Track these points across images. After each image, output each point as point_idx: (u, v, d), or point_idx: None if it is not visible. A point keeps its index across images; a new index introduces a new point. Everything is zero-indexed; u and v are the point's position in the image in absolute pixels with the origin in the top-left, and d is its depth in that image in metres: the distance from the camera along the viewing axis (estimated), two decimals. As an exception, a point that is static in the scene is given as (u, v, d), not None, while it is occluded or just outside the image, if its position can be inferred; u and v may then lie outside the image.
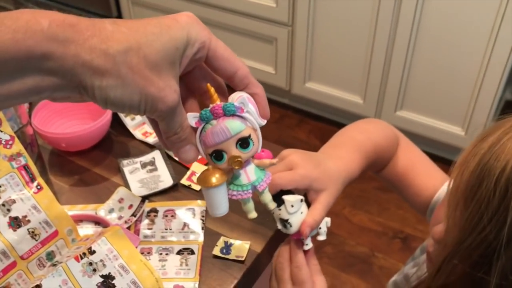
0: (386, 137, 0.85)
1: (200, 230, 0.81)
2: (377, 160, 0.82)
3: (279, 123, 2.25)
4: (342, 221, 1.86)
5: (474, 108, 1.86)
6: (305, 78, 2.15)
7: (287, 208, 0.62)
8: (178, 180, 0.89)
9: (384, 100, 2.02)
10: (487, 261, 0.50)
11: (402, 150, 0.85)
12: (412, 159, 0.85)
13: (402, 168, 0.84)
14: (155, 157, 0.93)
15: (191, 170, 0.91)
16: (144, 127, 0.99)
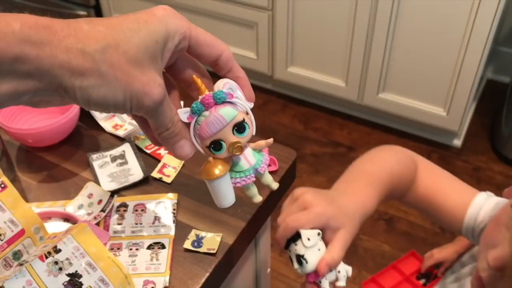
0: (400, 162, 0.79)
1: (171, 223, 0.79)
2: (395, 188, 0.77)
3: (262, 108, 2.23)
4: (326, 205, 1.85)
5: (455, 88, 1.84)
6: (287, 63, 2.12)
7: (304, 242, 0.59)
8: (149, 173, 0.86)
9: (366, 83, 1.99)
10: None
11: (422, 173, 0.80)
12: (434, 180, 0.80)
13: (425, 190, 0.79)
14: (125, 150, 0.90)
15: (162, 162, 0.88)
16: (114, 119, 0.96)
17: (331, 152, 2.04)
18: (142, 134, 0.93)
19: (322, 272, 0.58)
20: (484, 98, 2.25)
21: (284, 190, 0.90)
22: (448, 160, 1.99)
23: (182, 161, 0.88)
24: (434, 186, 0.80)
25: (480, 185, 1.89)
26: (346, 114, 2.18)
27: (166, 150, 0.91)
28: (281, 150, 0.90)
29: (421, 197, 0.80)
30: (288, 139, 2.09)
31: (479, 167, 1.97)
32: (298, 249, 0.59)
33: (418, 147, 2.04)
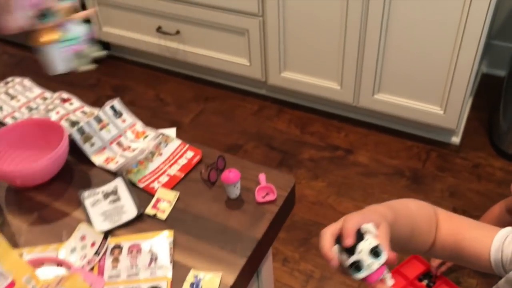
0: (419, 206, 0.77)
1: (169, 264, 0.74)
2: (415, 229, 0.74)
3: (258, 115, 2.17)
4: (327, 210, 1.80)
5: (451, 86, 1.78)
6: (280, 68, 2.07)
7: (371, 230, 0.60)
8: (143, 209, 0.81)
9: (361, 84, 1.94)
10: None
11: (444, 222, 0.77)
12: (457, 228, 0.76)
13: (449, 238, 0.76)
14: (118, 185, 0.85)
15: (156, 197, 0.83)
16: (105, 152, 0.91)
17: (329, 156, 1.99)
18: (135, 166, 0.89)
19: (394, 260, 0.58)
20: (480, 92, 2.19)
21: (284, 218, 0.85)
22: (447, 158, 1.94)
23: (177, 195, 0.83)
24: (457, 234, 0.75)
25: (480, 182, 1.85)
26: (342, 116, 2.13)
27: (160, 183, 0.86)
28: (279, 177, 0.86)
29: (446, 245, 0.76)
30: (285, 145, 2.04)
31: (478, 163, 1.92)
32: (370, 242, 0.58)
33: (416, 146, 1.99)
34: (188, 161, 0.89)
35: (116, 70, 2.47)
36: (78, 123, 0.94)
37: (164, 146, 0.91)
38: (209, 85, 2.34)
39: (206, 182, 0.85)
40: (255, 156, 1.99)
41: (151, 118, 2.18)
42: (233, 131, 2.11)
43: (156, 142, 0.91)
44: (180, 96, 2.29)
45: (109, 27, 2.36)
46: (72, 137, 0.89)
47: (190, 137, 2.10)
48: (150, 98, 2.29)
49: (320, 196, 1.84)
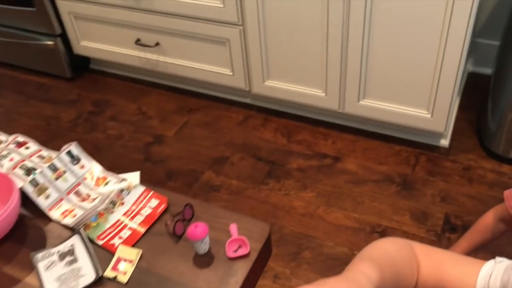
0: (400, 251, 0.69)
1: (129, 339, 0.65)
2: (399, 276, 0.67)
3: (243, 125, 2.06)
4: (317, 221, 1.70)
5: (438, 89, 1.68)
6: (264, 77, 1.95)
7: None
8: (102, 271, 0.71)
9: (346, 90, 1.83)
10: None
11: (423, 260, 0.70)
12: (437, 266, 0.69)
13: (431, 279, 0.69)
14: (75, 243, 0.75)
15: (117, 256, 0.73)
16: (62, 204, 0.80)
17: (317, 164, 1.88)
18: (94, 220, 0.78)
19: None
20: (467, 92, 2.08)
21: (259, 272, 0.75)
22: (437, 161, 1.84)
23: (139, 253, 0.73)
24: (437, 271, 0.68)
25: (472, 185, 1.75)
26: (329, 122, 2.02)
27: (121, 239, 0.76)
28: (253, 226, 0.75)
29: (428, 286, 0.69)
30: (272, 155, 1.93)
31: (469, 166, 1.82)
32: None
33: (405, 151, 1.89)
34: (152, 210, 0.78)
35: (96, 84, 2.35)
36: (34, 170, 0.83)
37: (126, 194, 0.80)
38: (192, 96, 2.22)
39: (172, 236, 0.75)
40: (242, 168, 1.89)
41: (133, 133, 2.07)
42: (218, 143, 2.00)
43: (118, 189, 0.81)
44: (163, 108, 2.18)
45: (87, 41, 2.24)
46: (24, 191, 0.78)
47: (174, 152, 2.01)
48: (132, 112, 2.17)
49: (309, 207, 1.74)
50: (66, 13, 2.15)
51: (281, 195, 1.78)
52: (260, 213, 1.72)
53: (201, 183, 1.84)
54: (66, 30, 2.20)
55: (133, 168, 1.93)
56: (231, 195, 1.79)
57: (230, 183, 1.84)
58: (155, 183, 1.88)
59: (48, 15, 2.13)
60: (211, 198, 1.79)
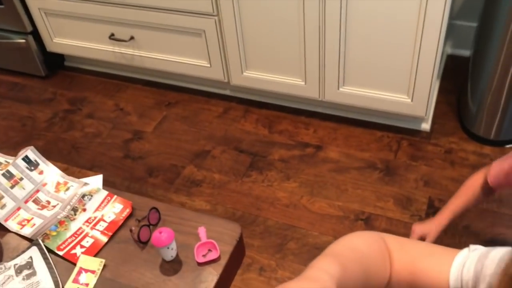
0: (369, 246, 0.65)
1: None
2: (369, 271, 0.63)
3: (223, 117, 2.00)
4: (301, 212, 1.66)
5: (417, 72, 1.63)
6: (242, 67, 1.88)
7: None
8: (62, 284, 0.65)
9: (325, 78, 1.77)
10: None
11: (396, 253, 0.66)
12: (409, 258, 0.65)
13: (404, 272, 0.65)
14: (33, 256, 0.68)
15: (78, 267, 0.67)
16: (19, 213, 0.73)
17: (300, 154, 1.83)
18: (54, 229, 0.72)
19: None
20: (446, 75, 2.04)
21: (231, 275, 0.70)
22: (419, 146, 1.80)
23: (102, 263, 0.67)
24: (410, 264, 0.64)
25: (454, 168, 1.71)
26: (309, 111, 1.97)
27: (83, 248, 0.70)
28: (223, 227, 0.70)
29: (402, 279, 0.65)
30: (254, 147, 1.87)
31: (451, 149, 1.78)
32: None
33: (387, 136, 1.84)
34: (116, 216, 0.72)
35: (71, 82, 2.26)
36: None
37: (88, 200, 0.74)
38: (170, 89, 2.15)
39: (137, 243, 0.69)
40: (224, 161, 1.83)
41: (112, 130, 2.00)
42: (199, 136, 1.93)
43: (80, 195, 0.74)
44: (141, 103, 2.10)
45: (60, 38, 2.14)
46: (-23, 201, 0.71)
47: (154, 147, 1.93)
48: (109, 108, 2.10)
49: (293, 198, 1.70)
50: (37, 10, 2.05)
51: (264, 186, 1.73)
52: (244, 206, 1.67)
53: (183, 178, 1.78)
54: (38, 27, 2.11)
55: (112, 166, 1.86)
56: (214, 189, 1.74)
57: (212, 177, 1.78)
58: (135, 180, 1.81)
59: (17, 12, 2.03)
60: (193, 193, 1.73)
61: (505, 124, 1.71)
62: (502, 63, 1.57)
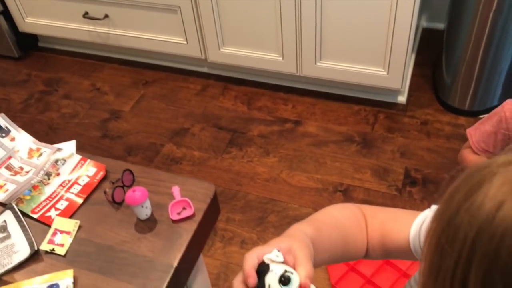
0: (346, 215, 0.67)
1: (69, 312, 0.60)
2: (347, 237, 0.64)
3: (201, 95, 2.00)
4: (281, 185, 1.68)
5: (392, 45, 1.65)
6: (219, 44, 1.88)
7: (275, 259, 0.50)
8: (38, 245, 0.66)
9: (303, 53, 1.78)
10: None
11: (370, 221, 0.68)
12: (379, 224, 0.67)
13: (376, 237, 0.67)
14: (7, 219, 0.69)
15: (53, 228, 0.67)
16: (-8, 179, 0.74)
17: (279, 129, 1.85)
18: (28, 193, 0.72)
19: (310, 278, 0.49)
20: (422, 48, 2.07)
21: (207, 232, 0.71)
22: (395, 118, 1.83)
23: (77, 224, 0.68)
24: (380, 229, 0.66)
25: (430, 139, 1.75)
26: (288, 87, 1.98)
27: (57, 211, 0.70)
28: (197, 187, 0.71)
29: (375, 244, 0.67)
30: (233, 123, 1.88)
31: (426, 120, 1.82)
32: (276, 270, 0.49)
33: (364, 110, 1.87)
34: (90, 179, 0.73)
35: (46, 63, 2.23)
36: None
37: (62, 164, 0.74)
38: (147, 68, 2.13)
39: (111, 204, 0.70)
40: (203, 138, 1.83)
41: (89, 110, 1.98)
42: (177, 114, 1.93)
43: (53, 160, 0.75)
44: (118, 83, 2.09)
45: (33, 18, 2.11)
46: None
47: (132, 126, 1.93)
48: (86, 88, 2.08)
49: (272, 173, 1.72)
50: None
51: (244, 162, 1.75)
52: (224, 181, 1.69)
53: (162, 156, 1.79)
54: (8, 6, 2.07)
55: (90, 146, 1.85)
56: (194, 166, 1.75)
57: (192, 155, 1.79)
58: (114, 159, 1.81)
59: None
60: (173, 170, 1.74)
61: (479, 94, 1.75)
62: (475, 34, 1.60)
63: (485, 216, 0.31)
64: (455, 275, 0.33)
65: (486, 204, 0.31)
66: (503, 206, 0.30)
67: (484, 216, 0.31)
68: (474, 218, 0.32)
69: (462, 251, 0.32)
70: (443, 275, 0.34)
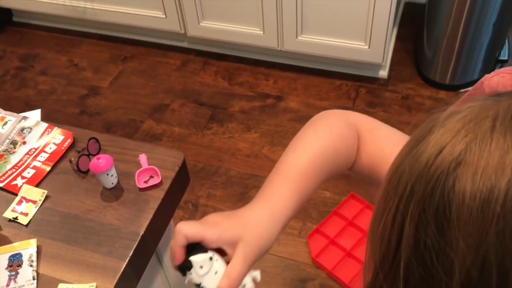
0: (331, 137, 0.60)
1: (32, 280, 0.59)
2: (329, 167, 0.59)
3: (182, 70, 1.97)
4: (262, 161, 1.68)
5: (373, 19, 1.63)
6: (199, 17, 1.85)
7: (197, 270, 0.47)
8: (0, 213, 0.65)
9: (284, 27, 1.76)
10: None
11: (364, 138, 0.61)
12: (376, 144, 0.61)
13: (369, 159, 0.61)
14: (-31, 189, 0.68)
15: (20, 197, 0.66)
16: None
17: (260, 105, 1.84)
18: (-8, 162, 0.70)
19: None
20: (404, 22, 2.06)
21: (176, 200, 0.71)
22: (376, 92, 1.83)
23: (44, 194, 0.67)
24: (376, 150, 0.60)
25: (411, 113, 1.75)
26: (269, 62, 1.96)
27: (24, 179, 0.69)
28: (165, 155, 0.70)
29: (365, 166, 0.61)
30: (214, 99, 1.86)
31: (407, 95, 1.82)
32: (194, 278, 0.48)
33: (345, 85, 1.86)
34: (57, 147, 0.72)
35: (22, 38, 2.17)
36: None
37: (28, 132, 0.73)
38: (126, 43, 2.09)
39: (77, 172, 0.69)
40: (183, 115, 1.82)
41: (66, 87, 1.95)
42: (157, 90, 1.91)
43: (18, 128, 0.73)
44: (96, 58, 2.04)
45: (6, -9, 2.05)
46: None
47: (111, 103, 1.90)
48: (63, 64, 2.03)
49: (254, 148, 1.71)
50: (-23, -40, 1.94)
51: (225, 138, 1.74)
52: (205, 157, 1.68)
53: (142, 133, 1.77)
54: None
55: (69, 123, 1.82)
56: (174, 142, 1.73)
57: (172, 131, 1.77)
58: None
59: (-44, -37, 1.92)
60: (152, 146, 1.72)
61: (460, 68, 1.75)
62: (456, 8, 1.59)
63: (425, 161, 0.32)
64: (396, 219, 0.33)
65: (427, 151, 0.32)
66: (441, 152, 0.31)
67: (424, 162, 0.32)
68: (415, 164, 0.32)
69: (403, 195, 0.33)
70: (385, 219, 0.34)
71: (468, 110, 0.33)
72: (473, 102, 0.33)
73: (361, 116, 0.64)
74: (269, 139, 1.74)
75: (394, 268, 0.34)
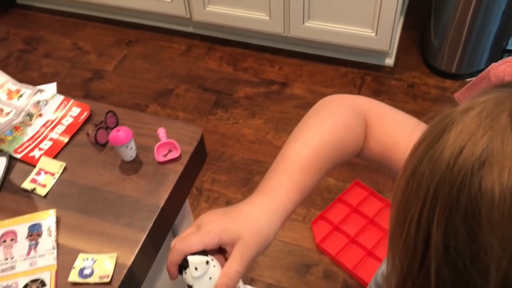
0: (336, 126, 0.58)
1: (52, 250, 0.59)
2: (334, 156, 0.57)
3: (186, 55, 1.96)
4: (267, 147, 1.68)
5: (381, 6, 1.63)
6: (205, 2, 1.83)
7: (191, 271, 0.46)
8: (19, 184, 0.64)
9: (290, 13, 1.75)
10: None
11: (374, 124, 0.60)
12: (386, 132, 0.59)
13: (379, 146, 0.59)
14: (-13, 160, 0.67)
15: (38, 168, 0.66)
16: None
17: (265, 91, 1.83)
18: (9, 134, 0.70)
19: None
20: (411, 11, 2.05)
21: (194, 175, 0.70)
22: (382, 80, 1.83)
23: (62, 166, 0.66)
24: (389, 135, 0.58)
25: (416, 102, 1.76)
26: (274, 48, 1.96)
27: (41, 151, 0.69)
28: (183, 130, 0.70)
29: (375, 153, 0.59)
30: (218, 85, 1.86)
31: (413, 83, 1.82)
32: (187, 279, 0.47)
33: (351, 72, 1.86)
34: (74, 119, 0.71)
35: (25, 20, 2.15)
36: None
37: (44, 105, 0.72)
38: (131, 27, 2.08)
39: (94, 145, 0.68)
40: (188, 100, 1.81)
41: (70, 70, 1.93)
42: (161, 75, 1.90)
43: (34, 101, 0.72)
44: (100, 42, 2.03)
45: (10, -28, 2.02)
46: None
47: (115, 87, 1.89)
48: (67, 47, 2.02)
49: (258, 134, 1.71)
50: None
51: (230, 124, 1.74)
52: (210, 143, 1.68)
53: (146, 117, 1.76)
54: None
55: (73, 106, 1.82)
56: (178, 127, 1.73)
57: (176, 115, 1.77)
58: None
59: None
60: (157, 130, 1.72)
61: (466, 57, 1.75)
62: (464, -4, 1.59)
63: (445, 164, 0.30)
64: (420, 225, 0.32)
65: (446, 152, 0.31)
66: (462, 153, 0.30)
67: (445, 164, 0.30)
68: (435, 167, 0.31)
69: (426, 200, 0.31)
70: (408, 225, 0.33)
71: (483, 105, 0.31)
72: (486, 95, 0.32)
73: (369, 101, 0.61)
74: (274, 125, 1.73)
75: (422, 274, 0.33)
